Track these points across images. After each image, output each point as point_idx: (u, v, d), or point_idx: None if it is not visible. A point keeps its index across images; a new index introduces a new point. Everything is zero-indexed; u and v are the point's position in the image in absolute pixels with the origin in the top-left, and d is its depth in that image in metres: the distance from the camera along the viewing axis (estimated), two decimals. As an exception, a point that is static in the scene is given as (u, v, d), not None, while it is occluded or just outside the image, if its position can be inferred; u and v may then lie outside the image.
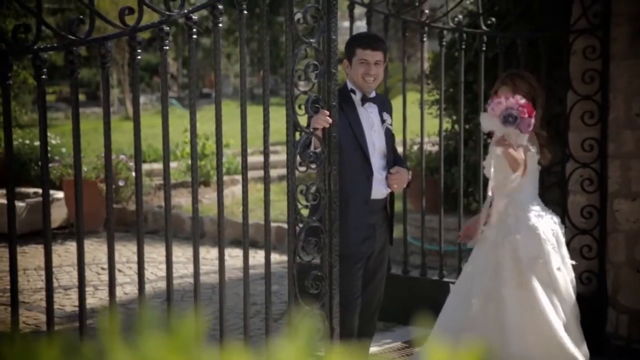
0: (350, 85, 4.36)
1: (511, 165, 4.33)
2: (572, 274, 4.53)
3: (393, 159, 4.47)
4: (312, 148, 3.90)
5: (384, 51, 4.36)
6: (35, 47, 3.07)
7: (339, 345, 3.86)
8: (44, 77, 3.10)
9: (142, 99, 20.48)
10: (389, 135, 4.43)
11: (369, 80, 4.28)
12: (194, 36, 3.56)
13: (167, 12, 3.46)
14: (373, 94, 4.40)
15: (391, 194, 4.45)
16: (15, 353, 0.61)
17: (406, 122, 5.47)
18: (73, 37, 3.15)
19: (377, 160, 4.34)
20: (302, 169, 3.93)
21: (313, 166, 3.91)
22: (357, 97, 4.34)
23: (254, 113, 6.38)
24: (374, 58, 4.27)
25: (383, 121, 4.39)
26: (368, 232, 4.34)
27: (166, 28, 3.48)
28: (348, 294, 4.18)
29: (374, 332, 4.65)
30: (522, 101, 4.17)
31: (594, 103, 5.19)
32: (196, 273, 3.73)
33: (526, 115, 4.12)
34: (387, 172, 4.38)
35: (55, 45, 3.41)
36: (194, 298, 3.75)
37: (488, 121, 4.29)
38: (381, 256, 4.47)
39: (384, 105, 4.47)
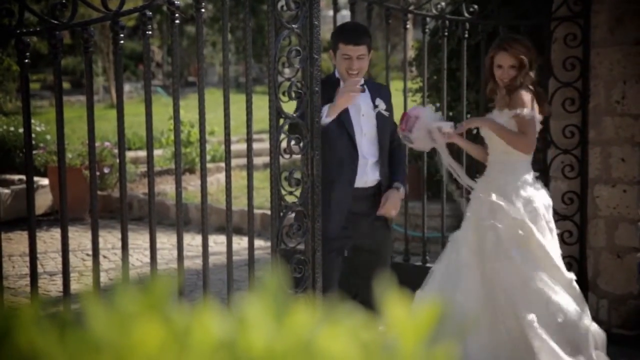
0: (337, 75, 4.39)
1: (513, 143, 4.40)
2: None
3: (393, 163, 4.51)
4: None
5: (367, 44, 4.34)
6: (18, 32, 3.08)
7: (307, 298, 3.88)
8: (27, 61, 3.11)
9: (127, 87, 20.38)
10: (382, 121, 4.43)
11: (353, 74, 4.30)
12: (177, 21, 3.58)
13: (150, -2, 3.47)
14: (361, 82, 4.40)
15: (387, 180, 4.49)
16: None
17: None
18: (56, 22, 3.16)
19: (365, 145, 4.35)
20: (287, 156, 3.95)
21: (297, 150, 3.94)
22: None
23: (239, 101, 6.39)
24: (356, 53, 4.28)
25: (375, 107, 4.40)
26: (349, 220, 4.34)
27: (149, 13, 3.49)
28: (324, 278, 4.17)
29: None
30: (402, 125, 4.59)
31: (575, 90, 5.24)
32: (180, 259, 3.76)
33: (404, 126, 4.54)
34: (379, 158, 4.39)
35: (38, 29, 3.43)
36: (179, 292, 3.77)
37: (419, 145, 4.63)
38: (378, 252, 4.46)
39: (377, 92, 4.47)
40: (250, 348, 0.56)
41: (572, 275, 4.51)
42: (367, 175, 4.36)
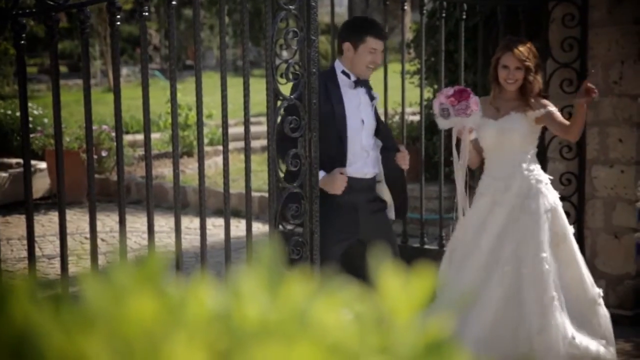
0: (342, 67, 4.31)
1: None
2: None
3: (383, 136, 4.43)
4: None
5: None
6: (14, 13, 3.07)
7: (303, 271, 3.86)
8: (22, 42, 3.11)
9: (125, 71, 20.32)
10: (375, 112, 4.40)
11: (371, 68, 4.27)
12: (174, 3, 3.57)
13: (146, -21, 3.46)
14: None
15: (401, 172, 4.45)
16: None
17: (387, 93, 5.50)
18: (52, 3, 3.15)
19: (365, 138, 4.29)
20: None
21: (294, 135, 3.92)
22: (350, 80, 4.29)
23: (237, 84, 6.39)
24: (382, 47, 4.28)
25: (373, 98, 4.36)
26: (348, 213, 4.25)
27: (145, -5, 3.48)
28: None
29: None
30: (450, 92, 4.36)
31: (573, 71, 5.23)
32: (178, 240, 3.76)
33: (457, 102, 4.31)
34: (377, 150, 4.35)
35: (34, 10, 3.41)
36: (176, 266, 3.77)
37: (442, 122, 4.47)
38: (381, 240, 4.41)
39: (369, 84, 4.44)
40: (244, 320, 0.57)
41: (598, 291, 4.46)
42: (368, 167, 4.31)
